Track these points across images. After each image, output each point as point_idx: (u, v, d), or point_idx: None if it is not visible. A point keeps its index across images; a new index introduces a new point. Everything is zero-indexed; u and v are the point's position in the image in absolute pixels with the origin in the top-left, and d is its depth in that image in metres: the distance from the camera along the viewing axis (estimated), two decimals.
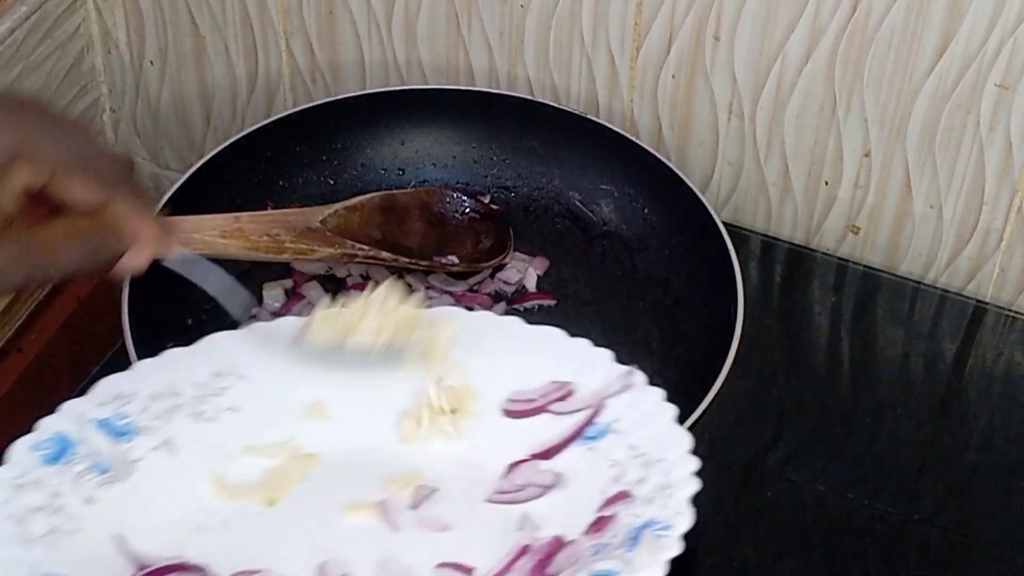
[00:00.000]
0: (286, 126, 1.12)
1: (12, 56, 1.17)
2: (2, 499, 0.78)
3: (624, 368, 0.86)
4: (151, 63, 1.28)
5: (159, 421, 0.84)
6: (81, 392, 1.06)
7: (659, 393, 0.84)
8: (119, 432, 0.83)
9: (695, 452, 0.81)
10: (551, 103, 1.14)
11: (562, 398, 0.86)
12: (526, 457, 0.85)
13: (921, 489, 1.03)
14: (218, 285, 0.86)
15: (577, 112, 1.14)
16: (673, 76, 1.14)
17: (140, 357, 0.93)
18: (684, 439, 0.80)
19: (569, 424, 0.85)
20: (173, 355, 0.87)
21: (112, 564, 0.79)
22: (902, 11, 1.04)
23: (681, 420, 0.90)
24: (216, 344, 0.88)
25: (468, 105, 1.14)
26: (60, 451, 0.81)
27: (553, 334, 0.88)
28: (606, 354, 0.87)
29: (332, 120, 1.13)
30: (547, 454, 0.85)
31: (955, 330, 1.13)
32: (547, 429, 0.85)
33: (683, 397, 0.94)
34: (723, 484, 1.02)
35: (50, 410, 1.04)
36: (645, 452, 0.81)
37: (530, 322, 1.06)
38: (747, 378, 1.06)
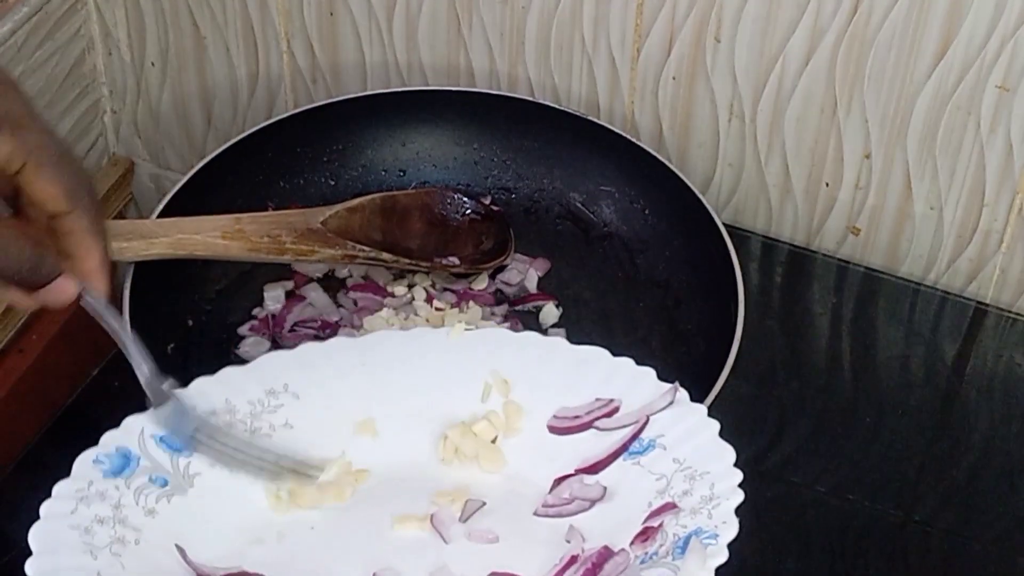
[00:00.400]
0: (287, 127, 1.12)
1: (13, 57, 1.17)
2: (68, 510, 0.80)
3: (668, 385, 0.87)
4: (152, 64, 1.28)
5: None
6: (81, 393, 1.06)
7: (702, 409, 0.86)
8: (178, 448, 0.85)
9: None
10: (552, 104, 1.14)
11: (608, 414, 0.88)
12: (572, 472, 0.87)
13: (921, 490, 1.03)
14: (128, 344, 0.84)
15: (578, 113, 1.14)
16: (674, 77, 1.14)
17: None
18: (728, 452, 0.83)
19: (615, 440, 0.87)
20: (228, 373, 0.89)
21: (173, 574, 0.81)
22: (903, 13, 1.04)
23: None
24: (269, 363, 0.90)
25: (469, 106, 1.14)
26: (122, 465, 0.83)
27: (597, 353, 0.90)
28: (650, 372, 0.89)
29: (333, 121, 1.13)
30: (593, 469, 0.86)
31: (955, 332, 1.13)
32: (593, 445, 0.87)
33: None
34: None
35: (49, 410, 1.05)
36: (690, 465, 0.83)
37: (532, 322, 1.06)
38: (748, 379, 1.06)
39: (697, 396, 0.93)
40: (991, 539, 1.00)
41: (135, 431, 0.85)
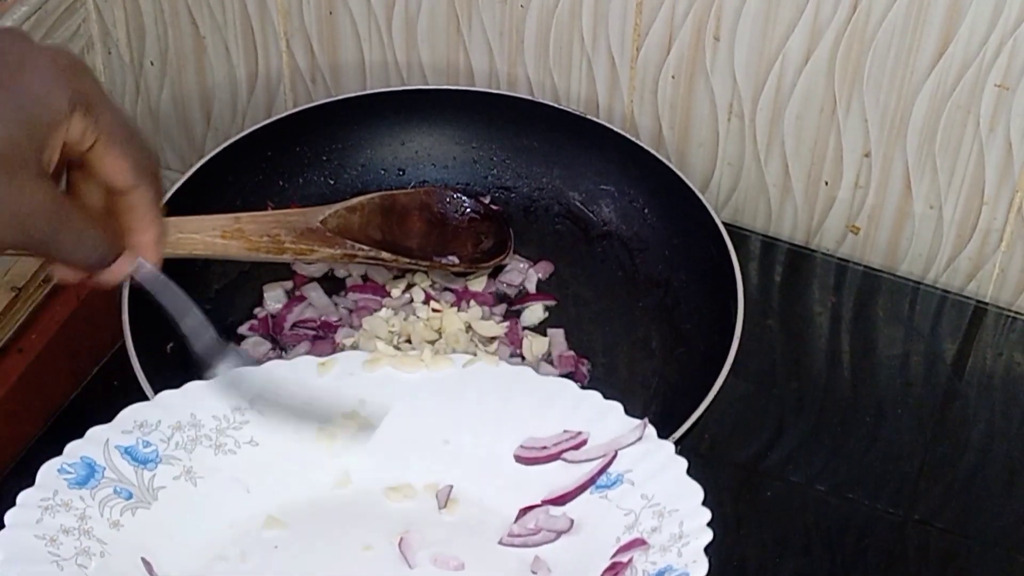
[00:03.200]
0: (286, 126, 1.12)
1: None
2: (34, 519, 0.80)
3: (635, 420, 0.87)
4: (151, 63, 1.28)
5: (181, 451, 0.86)
6: (81, 393, 1.06)
7: (670, 446, 0.85)
8: (143, 460, 0.85)
9: (696, 451, 0.82)
10: (551, 103, 1.14)
11: (575, 447, 0.87)
12: (538, 503, 0.86)
13: (921, 489, 1.03)
14: (184, 314, 0.85)
15: (577, 112, 1.14)
16: (673, 76, 1.14)
17: (140, 357, 0.93)
18: (696, 491, 0.82)
19: (582, 472, 0.86)
20: (194, 387, 0.88)
21: None
22: (902, 11, 1.04)
23: (682, 420, 0.91)
24: (236, 379, 0.89)
25: (468, 105, 1.14)
26: (87, 476, 0.83)
27: (563, 384, 0.90)
28: (617, 406, 0.88)
29: (332, 120, 1.13)
30: (560, 500, 0.86)
31: (955, 330, 1.13)
32: (560, 476, 0.86)
33: (683, 397, 0.94)
34: (723, 484, 1.02)
35: (49, 410, 1.05)
36: (659, 502, 0.83)
37: (533, 323, 1.06)
38: (747, 378, 1.06)
39: (697, 395, 0.93)
40: (991, 538, 1.00)
41: (100, 441, 0.84)
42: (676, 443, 0.90)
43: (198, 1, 1.23)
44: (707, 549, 0.78)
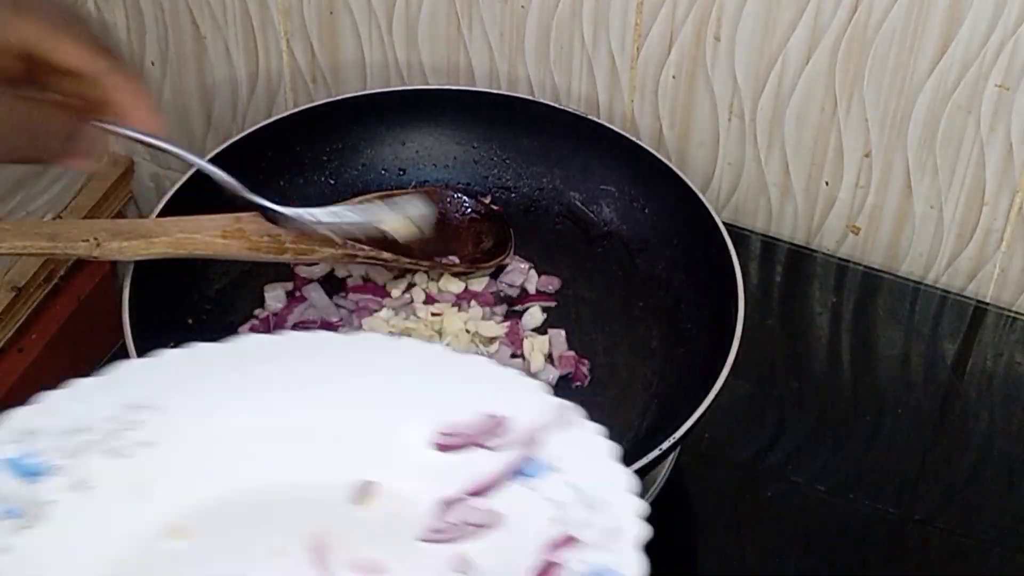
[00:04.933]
0: (287, 126, 1.12)
1: None
2: None
3: (560, 401, 0.79)
4: (152, 63, 1.28)
5: (72, 459, 0.78)
6: None
7: (599, 429, 0.78)
8: (30, 472, 0.77)
9: (696, 451, 0.81)
10: (552, 103, 1.14)
11: (495, 432, 0.80)
12: (459, 494, 0.79)
13: (921, 489, 1.03)
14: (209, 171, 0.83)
15: (578, 112, 1.14)
16: (674, 76, 1.14)
17: (141, 357, 0.93)
18: (628, 479, 0.75)
19: (505, 460, 0.79)
20: (82, 385, 0.81)
21: None
22: (902, 12, 1.04)
23: (682, 420, 0.90)
24: (129, 373, 0.81)
25: (469, 105, 1.14)
26: None
27: (480, 363, 0.82)
28: (539, 385, 0.81)
29: (333, 120, 1.13)
30: (482, 491, 0.79)
31: (955, 331, 1.13)
32: (481, 465, 0.79)
33: (684, 397, 0.94)
34: (723, 484, 1.02)
35: None
36: (588, 492, 0.76)
37: (533, 323, 1.06)
38: (747, 378, 1.06)
39: (697, 395, 0.93)
40: (991, 538, 1.00)
41: None
42: (676, 443, 0.90)
43: (198, 1, 1.23)
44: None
